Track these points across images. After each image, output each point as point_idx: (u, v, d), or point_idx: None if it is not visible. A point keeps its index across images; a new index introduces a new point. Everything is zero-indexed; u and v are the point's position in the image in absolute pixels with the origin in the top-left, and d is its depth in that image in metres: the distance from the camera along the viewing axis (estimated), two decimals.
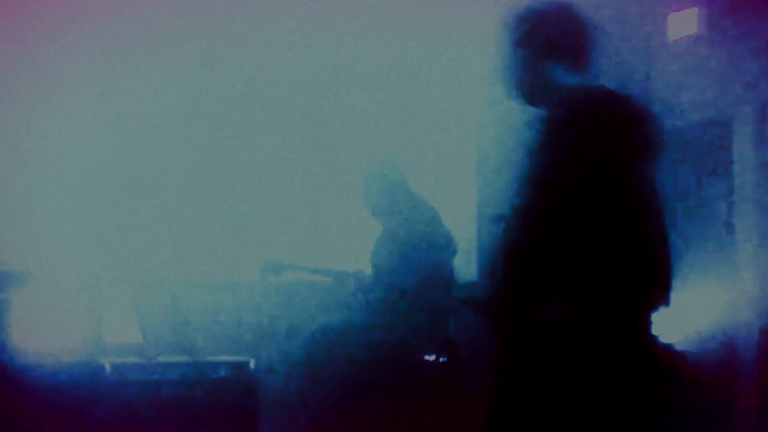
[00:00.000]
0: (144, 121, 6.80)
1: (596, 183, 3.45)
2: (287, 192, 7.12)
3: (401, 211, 6.17)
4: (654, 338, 3.72)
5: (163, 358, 5.94)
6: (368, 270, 6.30)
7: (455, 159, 7.44)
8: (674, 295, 3.96)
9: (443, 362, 6.13)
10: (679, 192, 7.06)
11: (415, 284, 6.06)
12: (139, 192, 6.79)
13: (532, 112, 3.92)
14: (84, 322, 6.20)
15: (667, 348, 3.75)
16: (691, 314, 6.67)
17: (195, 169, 6.95)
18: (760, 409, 6.44)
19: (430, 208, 6.26)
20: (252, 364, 5.97)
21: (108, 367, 5.67)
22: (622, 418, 3.66)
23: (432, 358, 6.12)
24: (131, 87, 6.79)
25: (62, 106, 6.64)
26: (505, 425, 3.66)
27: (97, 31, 6.69)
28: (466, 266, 6.87)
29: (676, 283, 3.82)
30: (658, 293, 3.68)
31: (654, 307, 3.71)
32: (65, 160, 6.63)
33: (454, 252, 6.33)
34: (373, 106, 7.32)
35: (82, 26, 6.63)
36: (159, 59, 6.83)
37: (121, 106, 6.75)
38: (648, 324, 3.72)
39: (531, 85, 3.69)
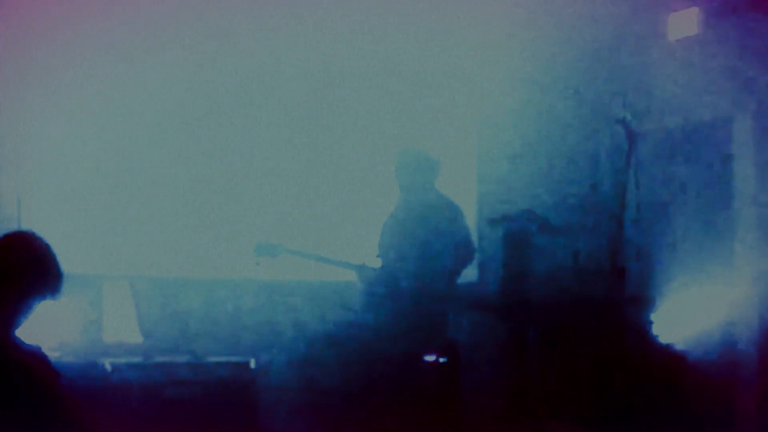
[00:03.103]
0: (142, 120, 6.80)
1: None
2: (288, 190, 7.12)
3: (427, 213, 6.20)
4: None
5: (163, 358, 5.94)
6: (372, 265, 6.29)
7: (455, 160, 7.44)
8: (675, 295, 3.97)
9: (443, 362, 6.14)
10: (678, 191, 7.07)
11: (421, 284, 6.07)
12: (139, 191, 6.78)
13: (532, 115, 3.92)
14: (84, 322, 6.21)
15: None
16: (691, 313, 6.67)
17: (195, 168, 6.94)
18: (760, 409, 6.45)
19: (460, 215, 6.30)
20: (252, 364, 5.97)
21: (108, 367, 5.67)
22: None
23: (432, 358, 6.12)
24: (129, 86, 6.79)
25: (62, 106, 6.63)
26: None
27: (97, 31, 6.69)
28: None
29: (677, 283, 3.83)
30: None
31: None
32: (65, 159, 6.62)
33: (471, 260, 6.37)
34: (374, 106, 7.32)
35: (81, 26, 6.63)
36: (154, 58, 6.82)
37: (120, 106, 6.74)
38: None
39: None
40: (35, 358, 3.50)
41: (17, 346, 3.51)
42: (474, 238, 6.71)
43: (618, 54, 7.40)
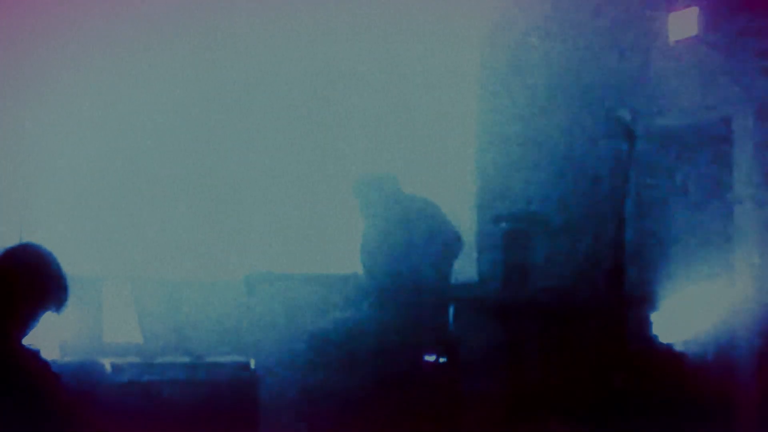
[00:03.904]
0: (141, 122, 6.80)
1: None
2: (287, 191, 7.12)
3: (397, 215, 6.17)
4: None
5: (163, 359, 5.94)
6: (363, 273, 6.29)
7: (455, 159, 7.44)
8: (675, 295, 3.96)
9: (443, 362, 6.14)
10: (678, 191, 7.07)
11: (414, 282, 6.06)
12: (138, 191, 6.79)
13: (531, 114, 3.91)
14: (84, 322, 6.21)
15: None
16: (691, 313, 6.67)
17: (195, 168, 6.95)
18: (760, 409, 6.45)
19: (432, 206, 6.26)
20: (252, 364, 5.97)
21: (108, 367, 5.67)
22: None
23: (432, 358, 6.12)
24: (130, 87, 6.79)
25: (61, 106, 6.63)
26: None
27: (97, 31, 6.69)
28: (466, 266, 6.86)
29: (677, 283, 3.82)
30: None
31: None
32: (65, 160, 6.63)
33: (460, 246, 6.32)
34: (373, 107, 7.32)
35: (82, 26, 6.63)
36: (157, 61, 6.83)
37: (121, 108, 6.75)
38: None
39: None
40: (36, 363, 3.54)
41: (21, 354, 3.55)
42: (470, 232, 6.71)
43: (618, 54, 7.40)
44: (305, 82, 7.20)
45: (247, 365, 5.95)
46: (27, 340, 3.61)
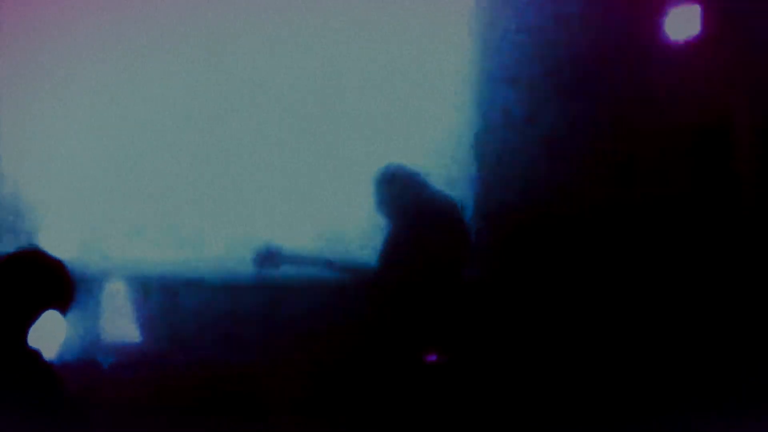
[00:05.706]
0: (141, 120, 6.81)
1: None
2: (289, 189, 7.13)
3: (414, 213, 6.19)
4: None
5: (162, 359, 5.95)
6: (373, 264, 6.30)
7: (454, 159, 7.44)
8: (674, 296, 3.96)
9: (443, 363, 6.15)
10: (679, 191, 7.08)
11: (421, 283, 6.08)
12: (138, 190, 6.79)
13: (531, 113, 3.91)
14: (83, 322, 6.22)
15: None
16: (688, 314, 6.68)
17: (196, 167, 6.96)
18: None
19: (453, 209, 6.29)
20: (251, 364, 5.99)
21: (107, 367, 5.69)
22: None
23: (433, 359, 6.13)
24: (129, 84, 6.80)
25: (58, 105, 6.64)
26: None
27: (97, 29, 6.70)
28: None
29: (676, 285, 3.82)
30: None
31: None
32: (65, 158, 6.63)
33: (467, 252, 6.34)
34: (372, 104, 7.33)
35: (82, 25, 6.64)
36: (154, 54, 6.84)
37: (120, 107, 6.76)
38: None
39: None
40: (41, 364, 3.60)
41: (28, 355, 3.63)
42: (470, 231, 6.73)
43: (616, 53, 7.40)
44: (306, 75, 7.20)
45: (246, 365, 5.96)
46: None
